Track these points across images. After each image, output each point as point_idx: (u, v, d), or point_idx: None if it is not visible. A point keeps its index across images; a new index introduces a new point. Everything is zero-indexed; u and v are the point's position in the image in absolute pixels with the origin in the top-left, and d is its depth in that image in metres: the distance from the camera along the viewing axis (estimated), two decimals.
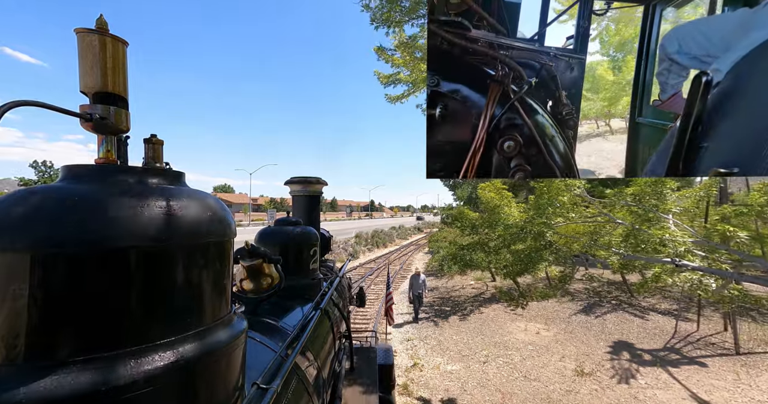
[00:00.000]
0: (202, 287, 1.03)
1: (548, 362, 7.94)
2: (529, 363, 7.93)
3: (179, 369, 0.91)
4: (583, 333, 9.65)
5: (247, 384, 1.31)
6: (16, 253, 0.79)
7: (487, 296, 14.04)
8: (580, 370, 7.40)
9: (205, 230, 1.03)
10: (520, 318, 11.03)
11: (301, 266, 3.00)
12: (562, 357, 8.18)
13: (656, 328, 9.75)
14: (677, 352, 8.23)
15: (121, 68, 1.03)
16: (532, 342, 9.09)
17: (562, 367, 7.67)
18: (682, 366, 7.53)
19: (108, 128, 1.03)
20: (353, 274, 17.56)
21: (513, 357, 8.24)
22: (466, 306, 12.67)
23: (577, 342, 9.00)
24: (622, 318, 10.73)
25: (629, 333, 9.46)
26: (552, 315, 11.25)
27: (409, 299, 11.72)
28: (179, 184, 1.10)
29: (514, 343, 9.05)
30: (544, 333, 9.78)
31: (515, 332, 9.89)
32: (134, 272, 0.88)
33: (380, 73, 5.58)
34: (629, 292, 13.13)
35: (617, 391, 6.62)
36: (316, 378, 2.22)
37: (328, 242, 4.53)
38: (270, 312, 2.41)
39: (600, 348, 8.58)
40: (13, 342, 0.79)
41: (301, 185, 4.10)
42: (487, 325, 10.50)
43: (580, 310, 11.70)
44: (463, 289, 15.51)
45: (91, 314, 0.83)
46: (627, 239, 4.80)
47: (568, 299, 12.99)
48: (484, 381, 7.18)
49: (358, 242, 27.71)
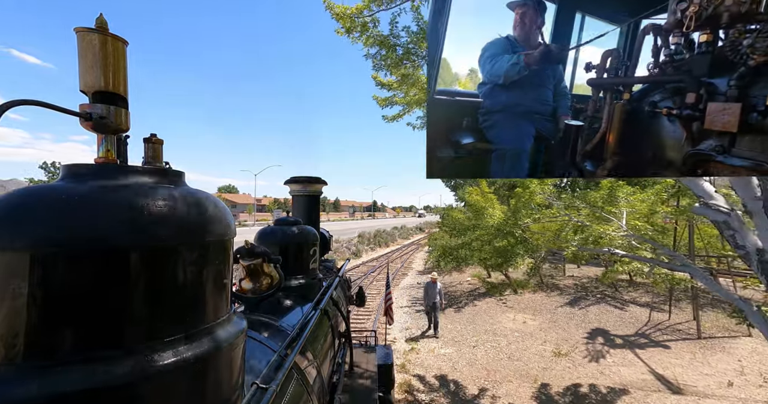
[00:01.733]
0: (202, 286, 1.03)
1: (531, 346, 8.93)
2: (514, 346, 8.92)
3: (178, 368, 0.91)
4: (565, 322, 10.61)
5: (247, 383, 1.33)
6: (16, 252, 0.79)
7: (481, 291, 14.98)
8: (557, 352, 8.39)
9: (205, 230, 1.03)
10: (510, 310, 12.00)
11: (300, 265, 3.02)
12: (543, 341, 9.16)
13: (632, 318, 10.71)
14: (646, 337, 9.20)
15: (120, 67, 1.03)
16: (518, 330, 10.06)
17: (543, 350, 8.65)
18: (648, 349, 8.50)
19: (107, 128, 1.02)
20: (357, 271, 18.53)
21: (500, 342, 9.23)
22: (462, 300, 13.63)
23: (558, 330, 9.96)
24: (603, 309, 11.68)
25: (607, 322, 10.42)
26: (540, 307, 12.20)
27: (425, 310, 10.27)
28: (179, 183, 1.10)
29: (502, 331, 10.03)
30: (530, 322, 10.75)
31: (504, 321, 10.86)
32: (133, 271, 0.88)
33: (378, 97, 6.59)
34: (614, 287, 14.06)
35: (587, 368, 7.61)
36: (316, 378, 2.22)
37: (328, 242, 4.59)
38: (269, 312, 2.42)
39: (578, 335, 9.55)
40: (12, 341, 0.79)
41: (300, 185, 4.12)
42: (479, 316, 11.48)
43: (566, 303, 12.65)
44: (459, 285, 16.45)
45: (90, 313, 0.83)
46: (576, 233, 5.79)
47: (557, 293, 13.93)
48: (473, 362, 8.17)
49: (360, 241, 28.71)
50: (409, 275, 19.03)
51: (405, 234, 41.36)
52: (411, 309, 12.61)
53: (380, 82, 6.25)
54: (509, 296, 13.31)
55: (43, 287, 0.79)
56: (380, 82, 6.25)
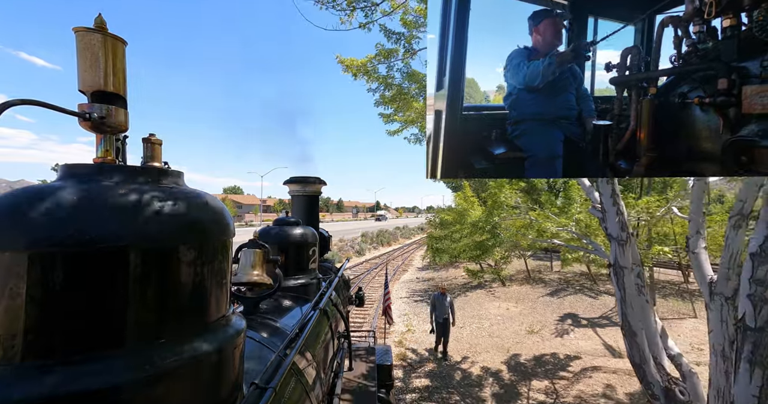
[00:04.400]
0: (201, 286, 1.04)
1: (509, 327, 10.49)
2: (495, 327, 10.49)
3: (178, 369, 0.92)
4: (543, 308, 12.15)
5: (246, 383, 1.34)
6: (14, 252, 0.80)
7: (473, 284, 16.55)
8: (530, 330, 9.95)
9: (204, 230, 1.05)
10: (496, 299, 13.54)
11: (300, 265, 3.03)
12: (521, 323, 10.72)
13: (601, 305, 12.23)
14: (608, 319, 10.73)
15: (119, 67, 1.03)
16: (501, 315, 11.62)
17: (519, 330, 10.21)
18: (606, 328, 10.04)
19: (106, 127, 1.02)
20: (359, 268, 20.14)
21: (483, 324, 10.80)
22: (455, 291, 15.18)
23: (536, 315, 11.51)
24: (579, 298, 13.21)
25: (578, 308, 11.95)
26: (523, 297, 13.74)
27: (432, 326, 8.63)
28: (178, 183, 1.10)
29: (487, 315, 11.59)
30: (512, 309, 12.30)
31: (490, 308, 12.41)
32: (132, 271, 0.88)
33: (382, 114, 8.20)
34: (593, 280, 15.58)
35: (552, 342, 9.17)
36: (315, 378, 2.21)
37: (327, 242, 4.62)
38: (269, 312, 2.42)
39: (552, 318, 11.10)
40: (10, 341, 0.80)
41: (300, 185, 4.12)
42: (468, 304, 13.04)
43: (548, 294, 14.17)
44: (455, 279, 18.00)
45: (88, 313, 0.84)
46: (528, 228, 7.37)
47: (542, 286, 15.46)
48: (459, 339, 9.74)
49: (364, 240, 30.30)
50: (409, 272, 20.63)
51: (407, 234, 42.83)
52: (410, 300, 14.18)
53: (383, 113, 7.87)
54: (498, 288, 14.85)
55: (41, 288, 0.80)
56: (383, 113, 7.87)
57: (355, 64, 6.26)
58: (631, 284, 3.84)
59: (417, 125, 8.05)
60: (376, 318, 11.72)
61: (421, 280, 18.08)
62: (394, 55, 5.92)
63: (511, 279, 15.45)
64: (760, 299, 2.57)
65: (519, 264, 17.67)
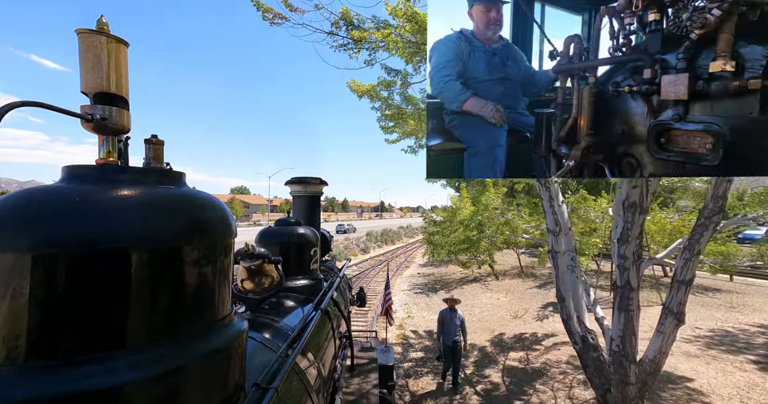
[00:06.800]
0: (203, 287, 1.04)
1: (497, 313, 11.86)
2: (485, 314, 11.87)
3: (180, 369, 0.93)
4: (530, 298, 13.49)
5: (248, 383, 1.34)
6: (17, 253, 0.80)
7: (470, 279, 17.93)
8: (515, 316, 11.31)
9: (205, 231, 1.05)
10: (489, 291, 14.91)
11: (301, 266, 3.03)
12: (507, 310, 12.08)
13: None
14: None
15: (122, 69, 1.04)
16: (491, 304, 12.99)
17: (505, 315, 11.58)
18: None
19: (108, 129, 1.03)
20: (364, 264, 21.60)
21: (474, 311, 12.18)
22: (452, 285, 16.58)
23: (522, 303, 12.86)
24: None
25: None
26: (514, 289, 15.09)
27: (438, 352, 7.01)
28: (179, 184, 1.12)
29: (479, 304, 12.97)
30: (502, 299, 13.66)
31: (483, 299, 13.78)
32: (134, 272, 0.89)
33: (383, 125, 9.59)
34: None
35: (532, 324, 10.53)
36: (317, 378, 2.21)
37: (329, 243, 4.61)
38: (270, 312, 2.42)
39: (536, 306, 12.44)
40: (14, 342, 0.80)
41: (301, 186, 4.14)
42: (463, 295, 14.41)
43: (537, 286, 15.52)
44: (453, 275, 19.41)
45: (91, 314, 0.84)
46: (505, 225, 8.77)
47: (533, 279, 16.80)
48: None
49: (369, 239, 31.76)
50: (411, 268, 22.07)
51: (410, 233, 44.14)
52: (411, 292, 15.59)
53: (383, 125, 9.29)
54: (491, 282, 16.23)
55: (44, 288, 0.80)
56: (383, 125, 9.29)
57: (362, 88, 7.70)
58: (563, 264, 5.23)
59: (412, 137, 9.46)
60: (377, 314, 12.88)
61: (422, 275, 19.53)
62: (392, 86, 7.36)
63: (505, 274, 16.81)
64: (622, 267, 3.96)
65: (513, 260, 19.02)
